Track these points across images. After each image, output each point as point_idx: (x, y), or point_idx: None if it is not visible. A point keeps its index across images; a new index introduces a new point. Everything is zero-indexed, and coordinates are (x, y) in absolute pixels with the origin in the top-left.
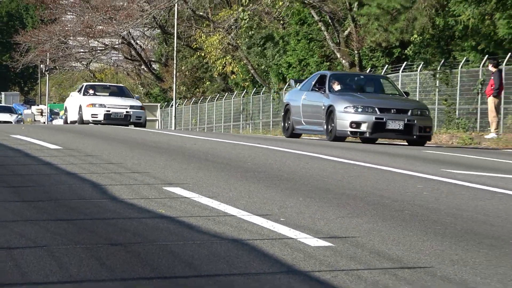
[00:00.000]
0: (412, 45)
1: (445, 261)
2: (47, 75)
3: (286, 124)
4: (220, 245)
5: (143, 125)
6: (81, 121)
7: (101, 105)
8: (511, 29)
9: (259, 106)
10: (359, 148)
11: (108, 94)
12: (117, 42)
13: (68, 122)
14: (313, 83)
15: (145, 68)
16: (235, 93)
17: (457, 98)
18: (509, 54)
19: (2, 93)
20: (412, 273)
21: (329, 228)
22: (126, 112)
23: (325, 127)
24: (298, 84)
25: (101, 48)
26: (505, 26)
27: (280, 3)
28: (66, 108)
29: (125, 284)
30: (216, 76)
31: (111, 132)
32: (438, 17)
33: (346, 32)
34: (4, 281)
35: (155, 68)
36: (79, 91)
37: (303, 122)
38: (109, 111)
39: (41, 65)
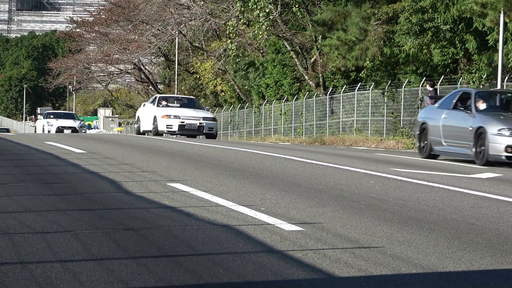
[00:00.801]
0: (365, 69)
1: (394, 242)
2: (74, 94)
3: (422, 144)
4: (213, 230)
5: (214, 136)
6: (156, 131)
7: (176, 117)
8: (443, 57)
9: (243, 118)
10: (323, 151)
11: (179, 105)
12: (130, 68)
13: (141, 131)
14: (454, 101)
15: (152, 88)
16: (224, 107)
17: (402, 111)
18: (442, 76)
19: (38, 108)
20: (367, 252)
21: (300, 215)
22: (200, 123)
23: (473, 150)
24: (433, 101)
25: (117, 72)
26: (438, 54)
27: (260, 36)
28: (138, 117)
29: (137, 261)
30: (209, 94)
31: (125, 139)
32: (386, 47)
33: (312, 59)
34: (39, 259)
35: (160, 88)
36: (153, 102)
37: (443, 142)
38: (183, 122)
39: (69, 86)
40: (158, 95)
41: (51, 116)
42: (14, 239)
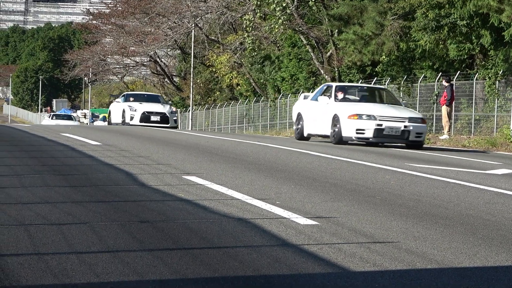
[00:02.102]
0: (381, 64)
1: (409, 237)
2: (90, 86)
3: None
4: (228, 223)
5: (421, 144)
6: (339, 138)
7: (369, 117)
8: (460, 52)
9: (259, 112)
10: (339, 147)
11: (359, 98)
12: (145, 60)
13: (305, 135)
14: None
15: (167, 81)
16: (239, 101)
17: (417, 107)
18: (458, 72)
19: (54, 100)
20: (382, 247)
21: (316, 209)
22: (405, 127)
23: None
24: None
25: (133, 65)
26: (455, 49)
27: (276, 30)
28: (300, 116)
29: (152, 254)
30: (225, 87)
31: (140, 131)
32: (402, 42)
33: (328, 54)
34: (55, 251)
35: (176, 81)
36: (327, 92)
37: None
38: (381, 125)
39: (85, 78)
40: (334, 84)
41: (131, 99)
42: (30, 230)
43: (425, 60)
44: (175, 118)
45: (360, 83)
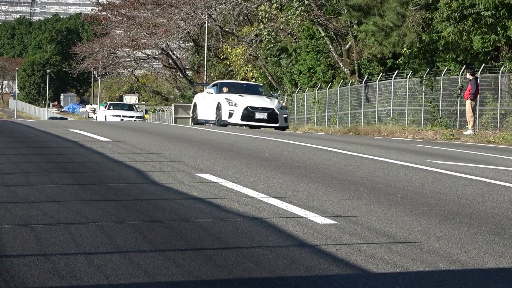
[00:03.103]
0: (402, 57)
1: (431, 237)
2: (99, 80)
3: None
4: (243, 222)
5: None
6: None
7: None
8: (484, 44)
9: None
10: (358, 142)
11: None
12: (157, 53)
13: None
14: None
15: (180, 74)
16: None
17: (440, 101)
18: (483, 64)
19: (62, 94)
20: (404, 247)
21: (334, 208)
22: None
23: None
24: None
25: (144, 58)
26: (479, 41)
27: (293, 21)
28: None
29: (164, 255)
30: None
31: (151, 127)
32: (424, 34)
33: (347, 46)
34: (62, 251)
35: (189, 74)
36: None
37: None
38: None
39: (94, 71)
40: None
41: (225, 89)
42: (37, 230)
43: (448, 53)
44: (285, 115)
45: (381, 76)
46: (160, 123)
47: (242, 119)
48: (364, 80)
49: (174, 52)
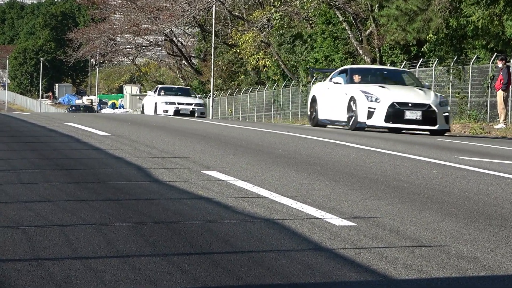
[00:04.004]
0: (427, 44)
1: (459, 240)
2: (97, 69)
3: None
4: (253, 224)
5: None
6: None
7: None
8: None
9: (289, 98)
10: (380, 137)
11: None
12: (160, 39)
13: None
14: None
15: (185, 63)
16: (267, 86)
17: (469, 92)
18: None
19: (57, 84)
20: (429, 251)
21: (353, 209)
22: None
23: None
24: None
25: (146, 45)
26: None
27: (308, 5)
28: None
29: (167, 259)
30: (250, 70)
31: (154, 120)
32: (451, 18)
33: (368, 31)
34: (57, 255)
35: (195, 62)
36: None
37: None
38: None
39: (92, 60)
40: None
41: (357, 77)
42: (29, 233)
43: (478, 39)
44: (446, 113)
45: (405, 64)
46: (163, 116)
47: (386, 120)
48: None
49: (179, 39)
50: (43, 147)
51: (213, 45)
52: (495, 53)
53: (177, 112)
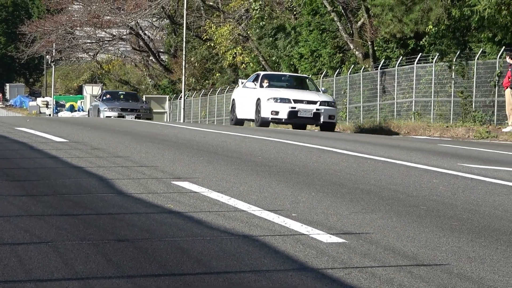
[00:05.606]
0: (427, 36)
1: (462, 258)
2: (53, 66)
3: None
4: (230, 241)
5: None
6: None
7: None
8: None
9: None
10: (372, 142)
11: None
12: (124, 33)
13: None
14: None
15: (153, 59)
16: None
17: (474, 91)
18: None
19: (7, 84)
20: (428, 271)
21: (342, 224)
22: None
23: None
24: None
25: (108, 39)
26: None
27: None
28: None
29: (133, 281)
30: (226, 67)
31: (118, 124)
32: (454, 8)
33: (359, 23)
34: (7, 278)
35: (164, 59)
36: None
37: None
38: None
39: (47, 56)
40: None
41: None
42: None
43: (483, 31)
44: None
45: (401, 59)
46: (129, 119)
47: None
48: (380, 65)
49: (146, 32)
50: None
51: (184, 39)
52: (503, 47)
53: None
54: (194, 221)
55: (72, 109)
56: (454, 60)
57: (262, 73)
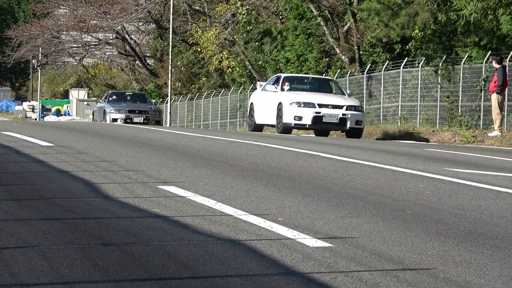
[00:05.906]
0: (413, 41)
1: (448, 263)
2: (39, 71)
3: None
4: (216, 246)
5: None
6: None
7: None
8: None
9: None
10: (358, 146)
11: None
12: (111, 37)
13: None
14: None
15: (139, 64)
16: (231, 89)
17: (460, 95)
18: None
19: None
20: (414, 275)
21: (329, 228)
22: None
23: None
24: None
25: (94, 43)
26: (508, 21)
27: None
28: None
29: (118, 286)
30: (213, 71)
31: (104, 129)
32: (440, 12)
33: (345, 27)
34: None
35: (150, 63)
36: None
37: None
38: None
39: (33, 60)
40: None
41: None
42: None
43: (470, 35)
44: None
45: (387, 64)
46: (114, 124)
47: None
48: (366, 70)
49: (132, 36)
50: None
51: (170, 43)
52: (489, 52)
53: None
54: (180, 225)
55: (58, 113)
56: (440, 65)
57: (283, 75)
